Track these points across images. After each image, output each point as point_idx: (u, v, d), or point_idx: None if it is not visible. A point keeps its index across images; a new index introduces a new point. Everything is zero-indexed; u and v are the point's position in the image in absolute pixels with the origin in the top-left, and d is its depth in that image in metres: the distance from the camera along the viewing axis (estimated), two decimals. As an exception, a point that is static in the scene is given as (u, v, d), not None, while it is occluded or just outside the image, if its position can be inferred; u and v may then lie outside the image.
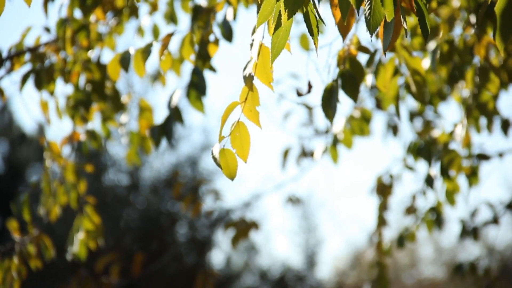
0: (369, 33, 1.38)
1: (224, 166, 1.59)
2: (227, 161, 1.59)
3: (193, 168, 12.27)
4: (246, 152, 1.59)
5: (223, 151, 1.59)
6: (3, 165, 12.66)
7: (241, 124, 1.60)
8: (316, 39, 1.47)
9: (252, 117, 1.61)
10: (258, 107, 1.60)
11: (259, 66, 1.59)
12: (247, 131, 1.59)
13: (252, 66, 1.59)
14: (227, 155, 1.59)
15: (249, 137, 1.59)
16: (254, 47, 1.60)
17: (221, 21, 2.50)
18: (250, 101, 1.60)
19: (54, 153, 3.10)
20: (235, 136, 1.59)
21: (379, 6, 1.37)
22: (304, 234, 13.87)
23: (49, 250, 3.08)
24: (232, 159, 1.59)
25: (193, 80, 2.40)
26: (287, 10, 1.38)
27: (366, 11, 1.38)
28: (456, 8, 2.76)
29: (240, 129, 1.60)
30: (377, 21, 1.38)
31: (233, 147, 1.59)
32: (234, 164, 1.59)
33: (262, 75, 1.59)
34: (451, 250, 14.44)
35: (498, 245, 12.07)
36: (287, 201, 4.69)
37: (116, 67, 2.49)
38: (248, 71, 1.59)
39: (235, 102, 1.60)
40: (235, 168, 1.59)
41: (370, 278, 3.96)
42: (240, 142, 1.59)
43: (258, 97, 1.60)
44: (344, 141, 3.18)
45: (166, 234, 11.91)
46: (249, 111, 1.60)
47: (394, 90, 2.26)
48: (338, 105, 1.95)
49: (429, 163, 2.94)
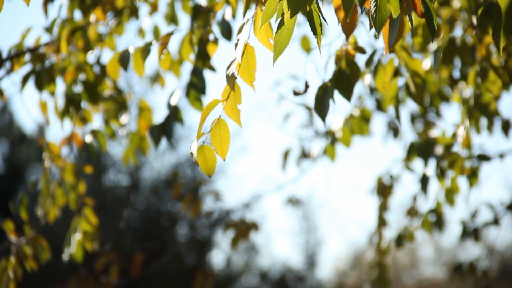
0: (375, 31, 1.38)
1: (202, 162, 1.60)
2: (206, 157, 1.60)
3: (193, 168, 12.26)
4: (225, 149, 1.60)
5: (202, 147, 1.60)
6: (3, 165, 12.65)
7: (221, 122, 1.61)
8: (320, 38, 1.47)
9: (233, 115, 1.62)
10: (239, 105, 1.61)
11: (243, 65, 1.60)
12: (227, 129, 1.60)
13: (235, 66, 1.60)
14: (206, 151, 1.60)
15: (229, 134, 1.60)
16: (238, 47, 1.61)
17: (220, 19, 2.50)
18: (231, 99, 1.61)
19: (53, 154, 3.10)
20: (215, 133, 1.60)
21: (385, 3, 1.37)
22: (304, 234, 13.86)
23: (45, 252, 3.06)
24: (211, 156, 1.60)
25: (193, 79, 2.40)
26: (290, 8, 1.38)
27: (372, 9, 1.37)
28: (457, 8, 2.76)
29: (221, 126, 1.60)
30: (383, 18, 1.38)
31: (213, 144, 1.60)
32: (212, 160, 1.60)
33: (245, 74, 1.60)
34: (451, 251, 14.43)
35: (498, 246, 12.07)
36: (287, 202, 4.69)
37: (115, 65, 2.49)
38: (231, 71, 1.60)
39: (216, 100, 1.61)
40: (213, 164, 1.60)
41: (370, 279, 3.96)
42: (220, 139, 1.60)
43: (240, 95, 1.61)
44: (343, 139, 3.17)
45: (166, 234, 11.90)
46: (230, 109, 1.61)
47: (394, 91, 2.26)
48: (332, 104, 1.96)
49: (425, 162, 2.94)
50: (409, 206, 3.71)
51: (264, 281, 12.94)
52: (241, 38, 1.62)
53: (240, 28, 1.67)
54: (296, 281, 13.14)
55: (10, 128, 13.14)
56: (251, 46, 1.60)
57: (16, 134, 13.04)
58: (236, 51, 1.62)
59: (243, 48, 1.60)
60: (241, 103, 1.61)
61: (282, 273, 13.08)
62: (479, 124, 3.03)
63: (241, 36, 1.62)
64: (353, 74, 2.00)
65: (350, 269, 15.37)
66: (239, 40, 1.62)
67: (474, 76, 2.45)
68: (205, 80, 2.40)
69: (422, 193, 3.54)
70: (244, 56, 1.60)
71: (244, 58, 1.60)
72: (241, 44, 1.61)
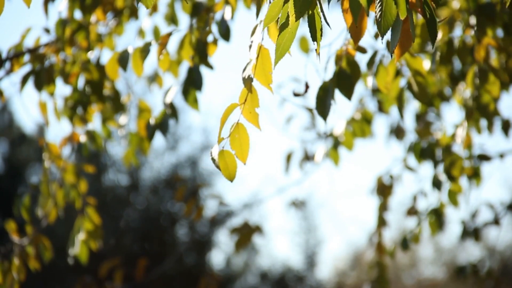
0: (380, 35, 1.37)
1: (223, 167, 1.58)
2: (226, 162, 1.58)
3: (193, 168, 12.26)
4: (245, 154, 1.58)
5: (222, 152, 1.58)
6: (3, 165, 12.64)
7: (240, 126, 1.59)
8: (319, 44, 1.46)
9: (251, 118, 1.60)
10: (257, 108, 1.59)
11: (258, 67, 1.58)
12: (246, 133, 1.58)
13: (251, 68, 1.58)
14: (226, 156, 1.58)
15: (249, 138, 1.58)
16: (253, 49, 1.59)
17: (219, 20, 2.49)
18: (249, 102, 1.59)
19: (53, 154, 3.09)
20: (234, 138, 1.58)
21: (391, 7, 1.36)
22: (304, 234, 13.86)
23: (48, 252, 3.07)
24: (232, 161, 1.58)
25: (190, 76, 2.39)
26: (295, 11, 1.37)
27: (377, 13, 1.36)
28: (456, 9, 2.76)
29: (240, 130, 1.59)
30: (388, 22, 1.37)
31: (232, 149, 1.58)
32: (233, 165, 1.58)
33: (261, 77, 1.58)
34: (451, 251, 14.43)
35: (498, 246, 12.06)
36: (290, 205, 4.68)
37: (114, 66, 2.48)
38: (247, 73, 1.58)
39: (234, 104, 1.59)
40: (234, 169, 1.58)
41: (370, 279, 3.96)
42: (240, 144, 1.58)
43: (257, 98, 1.59)
44: (345, 143, 3.17)
45: (166, 234, 11.90)
46: (248, 112, 1.59)
47: (396, 91, 2.25)
48: (333, 104, 1.95)
49: (434, 165, 2.94)
50: (409, 206, 3.71)
51: (264, 281, 12.94)
52: (254, 40, 1.60)
53: (253, 29, 1.65)
54: (296, 281, 13.14)
55: (10, 128, 13.13)
56: (265, 48, 1.58)
57: (16, 134, 13.03)
58: (250, 53, 1.60)
59: (257, 50, 1.58)
60: (259, 106, 1.59)
61: (282, 273, 13.08)
62: (479, 124, 3.03)
63: (255, 37, 1.60)
64: (353, 73, 2.00)
65: (350, 269, 15.37)
66: (253, 42, 1.60)
67: (473, 77, 2.45)
68: (202, 76, 2.39)
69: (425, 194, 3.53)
70: (259, 58, 1.57)
71: (259, 60, 1.57)
72: (255, 46, 1.59)
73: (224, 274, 12.24)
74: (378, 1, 1.36)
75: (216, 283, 4.20)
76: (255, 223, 3.82)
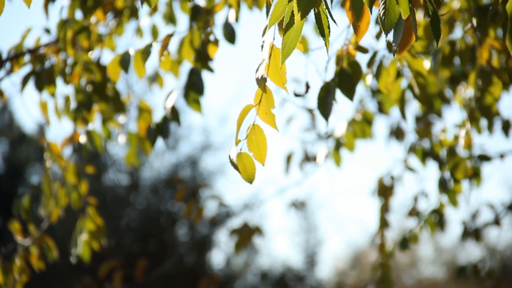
0: (384, 33, 1.37)
1: (242, 170, 1.58)
2: (245, 164, 1.58)
3: (193, 168, 12.25)
4: (263, 155, 1.58)
5: (240, 155, 1.57)
6: (3, 165, 12.64)
7: (256, 127, 1.58)
8: (328, 40, 1.46)
9: (268, 119, 1.59)
10: (273, 109, 1.58)
11: (272, 67, 1.56)
12: (263, 134, 1.57)
13: (264, 68, 1.57)
14: (244, 158, 1.58)
15: (266, 139, 1.57)
16: (265, 49, 1.58)
17: (223, 23, 2.49)
18: (264, 103, 1.58)
19: (54, 154, 3.09)
20: (251, 140, 1.57)
21: (394, 5, 1.35)
22: (304, 234, 13.85)
23: (52, 251, 3.07)
24: (250, 163, 1.58)
25: (191, 80, 2.39)
26: (300, 10, 1.36)
27: (381, 11, 1.36)
28: (456, 9, 2.75)
29: (256, 132, 1.58)
30: (392, 21, 1.36)
31: (250, 151, 1.57)
32: (252, 167, 1.58)
33: (275, 76, 1.57)
34: (451, 250, 14.42)
35: (499, 246, 12.07)
36: (291, 205, 4.67)
37: (116, 67, 2.49)
38: (261, 73, 1.57)
39: (249, 105, 1.58)
40: (253, 171, 1.58)
41: (373, 280, 3.96)
42: (257, 145, 1.57)
43: (272, 99, 1.58)
44: (347, 144, 3.17)
45: (166, 234, 11.89)
46: (264, 113, 1.58)
47: (398, 92, 2.25)
48: (334, 104, 1.95)
49: (440, 167, 2.94)
50: (410, 207, 3.71)
51: (264, 281, 12.93)
52: (266, 40, 1.58)
53: (264, 29, 1.65)
54: (296, 281, 13.13)
55: (10, 128, 13.13)
56: (277, 48, 1.56)
57: (16, 134, 13.03)
58: (262, 53, 1.58)
59: (270, 50, 1.57)
60: (275, 107, 1.57)
61: (282, 273, 13.08)
62: (479, 124, 3.03)
63: (266, 37, 1.59)
64: (355, 73, 2.00)
65: (350, 269, 15.37)
66: (265, 42, 1.59)
67: (475, 78, 2.44)
68: (203, 80, 2.39)
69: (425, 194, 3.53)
70: (271, 58, 1.56)
71: (272, 60, 1.56)
72: (267, 45, 1.58)
73: (224, 274, 12.24)
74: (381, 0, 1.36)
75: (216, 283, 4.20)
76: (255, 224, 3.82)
